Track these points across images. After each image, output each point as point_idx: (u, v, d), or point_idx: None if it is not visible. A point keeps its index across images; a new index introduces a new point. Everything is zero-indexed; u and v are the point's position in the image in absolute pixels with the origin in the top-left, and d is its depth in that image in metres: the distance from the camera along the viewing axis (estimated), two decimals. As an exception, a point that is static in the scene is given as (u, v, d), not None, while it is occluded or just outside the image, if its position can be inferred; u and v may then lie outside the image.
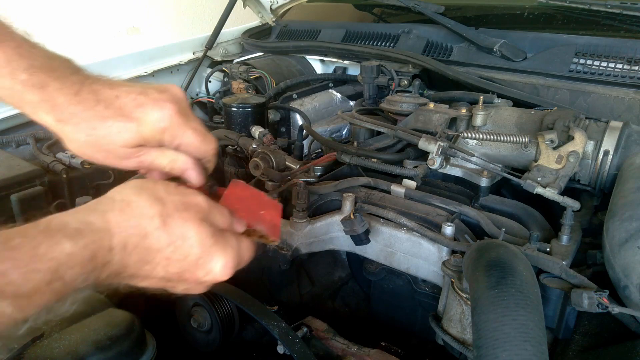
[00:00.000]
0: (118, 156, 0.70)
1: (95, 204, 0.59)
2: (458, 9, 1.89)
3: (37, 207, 1.32)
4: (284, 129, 1.83)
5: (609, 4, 1.51)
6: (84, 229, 0.54)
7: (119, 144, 0.67)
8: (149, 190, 0.61)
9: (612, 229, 0.87)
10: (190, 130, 0.70)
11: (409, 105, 1.43)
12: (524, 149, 1.16)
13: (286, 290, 1.29)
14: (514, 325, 0.66)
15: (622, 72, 1.41)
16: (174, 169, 0.73)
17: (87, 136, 0.67)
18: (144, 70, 2.01)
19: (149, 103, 0.67)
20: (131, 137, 0.67)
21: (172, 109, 0.68)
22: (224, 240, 0.65)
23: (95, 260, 0.53)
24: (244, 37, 2.29)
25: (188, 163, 0.72)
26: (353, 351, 1.04)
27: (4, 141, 1.58)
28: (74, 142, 0.68)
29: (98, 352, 0.80)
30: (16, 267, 0.47)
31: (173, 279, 0.63)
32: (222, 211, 0.68)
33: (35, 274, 0.48)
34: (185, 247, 0.61)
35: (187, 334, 1.16)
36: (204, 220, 0.63)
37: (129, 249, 0.57)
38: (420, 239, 1.03)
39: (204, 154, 0.74)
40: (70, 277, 0.51)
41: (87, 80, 0.67)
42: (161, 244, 0.59)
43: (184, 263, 0.61)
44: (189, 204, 0.63)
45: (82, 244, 0.52)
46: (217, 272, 0.64)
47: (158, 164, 0.72)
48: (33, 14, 2.98)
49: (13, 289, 0.47)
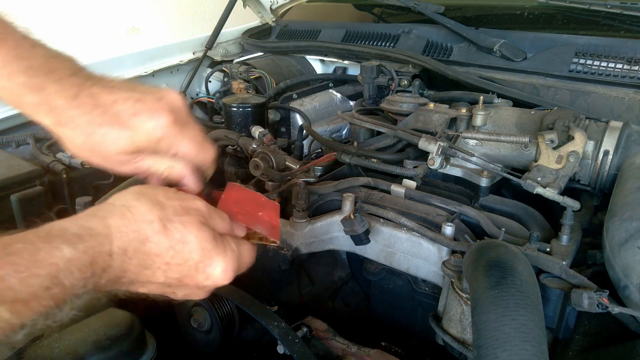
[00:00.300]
0: (114, 162, 0.70)
1: (96, 210, 0.59)
2: (458, 9, 1.89)
3: (37, 207, 1.32)
4: (284, 129, 1.83)
5: (609, 4, 1.51)
6: (83, 234, 0.54)
7: (114, 151, 0.67)
8: (149, 195, 0.62)
9: (612, 229, 0.87)
10: (187, 140, 0.70)
11: (409, 105, 1.43)
12: (524, 149, 1.16)
13: (286, 290, 1.29)
14: (514, 325, 0.66)
15: (622, 72, 1.41)
16: (171, 176, 0.73)
17: (83, 141, 0.67)
18: (144, 70, 2.01)
19: (145, 111, 0.67)
20: (126, 145, 0.67)
21: (168, 118, 0.67)
22: (224, 245, 0.65)
23: (95, 266, 0.53)
24: (244, 37, 2.29)
25: (185, 170, 0.73)
26: (353, 351, 1.04)
27: (4, 141, 1.58)
28: (72, 144, 0.68)
29: (98, 352, 0.80)
30: (15, 272, 0.47)
31: (173, 284, 0.63)
32: (222, 215, 0.68)
33: (34, 279, 0.48)
34: (185, 251, 0.61)
35: (187, 334, 1.16)
36: (204, 225, 0.63)
37: (129, 253, 0.57)
38: (420, 239, 1.03)
39: (201, 162, 0.74)
40: (70, 282, 0.51)
41: (86, 82, 0.67)
42: (161, 249, 0.59)
43: (183, 268, 0.61)
44: (188, 209, 0.63)
45: (81, 249, 0.52)
46: (217, 276, 0.64)
47: (155, 170, 0.72)
48: (33, 14, 2.98)
49: (12, 294, 0.47)
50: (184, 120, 0.70)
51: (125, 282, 0.59)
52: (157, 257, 0.59)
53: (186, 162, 0.72)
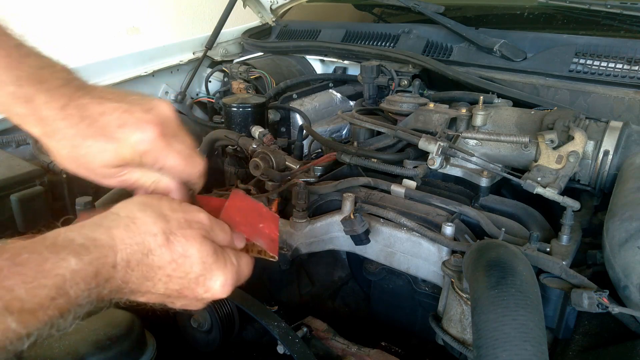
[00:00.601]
0: (99, 175, 0.69)
1: (101, 220, 0.59)
2: (458, 9, 1.89)
3: (37, 207, 1.32)
4: (284, 129, 1.83)
5: (609, 4, 1.51)
6: (89, 245, 0.54)
7: (99, 164, 0.66)
8: (154, 207, 0.62)
9: (612, 229, 0.87)
10: (173, 154, 0.68)
11: (409, 105, 1.43)
12: (524, 149, 1.16)
13: (286, 290, 1.29)
14: (514, 325, 0.66)
15: (622, 72, 1.41)
16: (157, 190, 0.72)
17: (69, 152, 0.66)
18: (144, 70, 2.01)
19: (131, 124, 0.65)
20: (110, 158, 0.65)
21: (155, 131, 0.65)
22: (224, 258, 0.66)
23: (99, 277, 0.54)
24: (244, 37, 2.29)
25: (171, 185, 0.72)
26: (353, 351, 1.04)
27: (4, 141, 1.58)
28: (59, 156, 0.67)
29: (98, 352, 0.81)
30: (23, 283, 0.48)
31: (172, 295, 0.63)
32: (224, 227, 0.68)
33: (41, 289, 0.49)
34: (187, 264, 0.61)
35: (187, 334, 1.16)
36: (206, 238, 0.64)
37: (132, 265, 0.57)
38: (420, 239, 1.03)
39: (188, 177, 0.72)
40: (75, 293, 0.51)
41: (77, 92, 0.65)
42: (163, 262, 0.60)
43: (184, 280, 0.62)
44: (191, 222, 0.63)
45: (87, 260, 0.53)
46: (216, 289, 0.65)
47: (141, 184, 0.71)
48: (33, 14, 2.98)
49: (19, 305, 0.47)
50: (172, 132, 0.68)
51: (126, 292, 0.59)
52: (159, 270, 0.60)
53: (173, 176, 0.71)
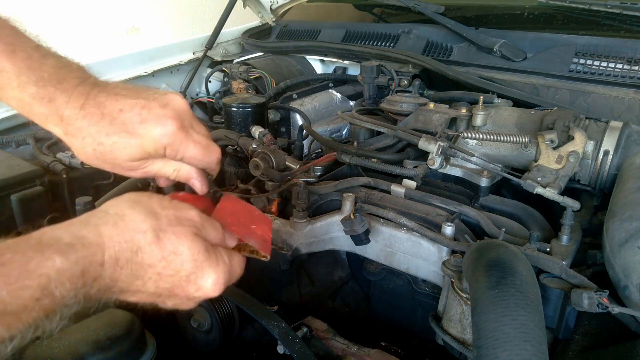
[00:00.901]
0: (124, 168, 0.72)
1: (89, 217, 0.58)
2: (458, 9, 1.89)
3: (37, 207, 1.32)
4: (284, 129, 1.83)
5: (609, 4, 1.51)
6: (76, 243, 0.53)
7: (124, 158, 0.70)
8: (144, 203, 0.62)
9: (612, 229, 0.87)
10: (193, 144, 0.72)
11: (409, 105, 1.43)
12: (524, 149, 1.16)
13: (286, 290, 1.28)
14: (514, 325, 0.66)
15: (622, 72, 1.41)
16: (179, 178, 0.77)
17: (93, 150, 0.69)
18: (144, 70, 2.01)
19: (151, 119, 0.69)
20: (135, 152, 0.69)
21: (175, 125, 0.69)
22: (216, 256, 0.65)
23: (86, 276, 0.53)
24: (244, 37, 2.29)
25: (192, 172, 0.77)
26: (353, 351, 1.04)
27: (4, 141, 1.58)
28: (82, 154, 0.70)
29: (98, 352, 0.81)
30: (5, 284, 0.46)
31: (163, 294, 0.63)
32: (215, 225, 0.68)
33: (24, 290, 0.47)
34: (177, 262, 0.61)
35: (187, 334, 1.16)
36: (197, 236, 0.63)
37: (121, 263, 0.56)
38: (420, 239, 1.03)
39: (207, 164, 0.76)
40: (60, 293, 0.50)
41: (92, 90, 0.68)
42: (153, 260, 0.59)
43: (175, 279, 0.61)
44: (182, 219, 0.63)
45: (73, 259, 0.52)
46: (207, 288, 0.64)
47: (163, 173, 0.76)
48: (33, 14, 2.98)
49: (1, 307, 0.46)
50: (189, 124, 0.72)
51: (116, 291, 0.58)
52: (149, 268, 0.59)
53: (193, 164, 0.76)
